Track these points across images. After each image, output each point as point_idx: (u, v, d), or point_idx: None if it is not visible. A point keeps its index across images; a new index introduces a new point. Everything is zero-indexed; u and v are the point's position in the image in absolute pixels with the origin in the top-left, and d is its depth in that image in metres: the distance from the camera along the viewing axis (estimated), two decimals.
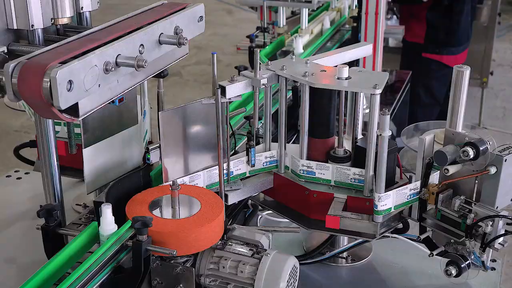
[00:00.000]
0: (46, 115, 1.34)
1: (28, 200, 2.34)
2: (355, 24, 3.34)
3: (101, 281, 1.49)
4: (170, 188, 1.65)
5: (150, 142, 2.10)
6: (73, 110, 1.37)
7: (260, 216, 2.23)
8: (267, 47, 3.08)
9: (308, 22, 3.39)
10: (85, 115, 1.40)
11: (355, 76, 1.84)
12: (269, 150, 1.99)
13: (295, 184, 1.94)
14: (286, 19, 3.59)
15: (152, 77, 1.88)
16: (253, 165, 1.95)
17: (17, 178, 2.53)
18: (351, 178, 1.88)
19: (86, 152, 1.76)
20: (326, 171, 1.90)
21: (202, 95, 1.86)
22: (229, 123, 1.93)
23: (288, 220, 1.98)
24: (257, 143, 2.06)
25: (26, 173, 2.55)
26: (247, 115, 2.15)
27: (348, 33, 3.50)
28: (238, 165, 1.93)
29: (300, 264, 1.81)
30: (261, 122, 2.06)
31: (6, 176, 2.56)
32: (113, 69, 1.40)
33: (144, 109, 2.03)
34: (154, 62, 1.62)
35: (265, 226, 2.04)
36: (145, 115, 2.02)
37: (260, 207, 2.13)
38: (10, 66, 1.29)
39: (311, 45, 3.13)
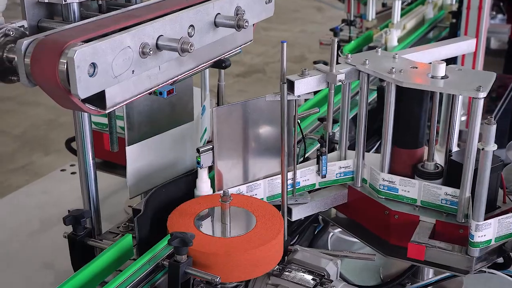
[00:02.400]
0: (66, 104, 1.09)
1: (79, 199, 2.14)
2: (454, 20, 2.98)
3: None
4: (220, 199, 1.38)
5: (209, 141, 1.84)
6: (99, 100, 1.12)
7: (331, 234, 1.93)
8: (352, 41, 2.77)
9: (401, 16, 3.04)
10: (114, 108, 1.15)
11: (453, 75, 1.51)
12: (345, 159, 1.69)
13: (373, 201, 1.63)
14: (376, 13, 3.25)
15: (212, 67, 1.63)
16: (324, 176, 1.65)
17: (71, 173, 2.35)
18: (442, 199, 1.55)
19: (130, 150, 1.52)
20: (412, 188, 1.58)
21: None
22: (298, 125, 1.65)
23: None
24: (331, 150, 1.77)
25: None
26: (321, 117, 1.85)
27: (446, 30, 3.12)
28: (306, 175, 1.64)
29: None
30: (338, 126, 1.76)
31: (61, 170, 2.37)
32: (151, 52, 1.14)
33: (204, 104, 1.77)
34: (208, 48, 1.36)
35: (334, 250, 1.73)
36: (205, 111, 1.76)
37: (335, 225, 1.83)
38: (23, 43, 1.06)
39: (402, 42, 2.79)
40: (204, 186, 1.51)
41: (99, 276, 1.28)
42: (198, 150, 1.47)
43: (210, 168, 1.56)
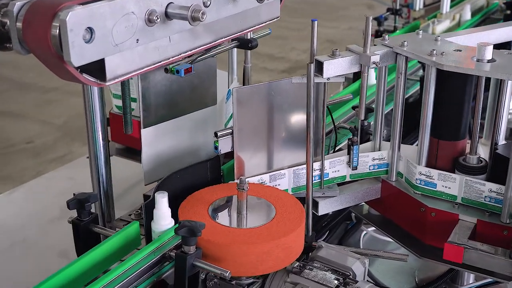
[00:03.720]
0: (62, 75, 1.00)
1: None
2: (508, 12, 2.79)
3: None
4: (236, 187, 1.26)
5: None
6: (100, 71, 1.02)
7: (364, 233, 1.79)
8: (397, 31, 2.62)
9: (451, 7, 2.87)
10: (116, 80, 1.05)
11: (501, 59, 1.36)
12: (379, 150, 1.55)
13: (408, 197, 1.49)
14: (425, 6, 3.08)
15: (238, 47, 1.52)
16: (355, 168, 1.52)
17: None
18: (485, 196, 1.40)
19: (145, 133, 1.42)
20: (452, 184, 1.43)
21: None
22: (328, 111, 1.52)
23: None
24: (366, 140, 1.63)
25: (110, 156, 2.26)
26: (356, 105, 1.72)
27: (500, 22, 2.93)
28: (335, 166, 1.51)
29: None
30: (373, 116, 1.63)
31: (87, 157, 2.29)
32: (158, 20, 1.04)
33: (230, 89, 1.66)
34: (227, 22, 1.25)
35: (363, 248, 1.59)
36: (230, 95, 1.65)
37: (367, 222, 1.69)
38: (15, 5, 0.97)
39: None
40: (163, 216, 1.24)
41: (101, 264, 1.18)
42: (216, 134, 1.36)
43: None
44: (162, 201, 1.23)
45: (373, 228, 1.75)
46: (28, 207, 1.99)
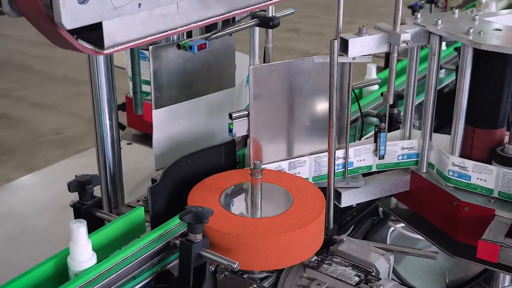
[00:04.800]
0: (55, 40, 0.91)
1: None
2: None
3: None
4: (250, 172, 1.16)
5: None
6: (96, 37, 0.92)
7: (392, 229, 1.68)
8: None
9: None
10: (116, 49, 0.95)
11: None
12: (409, 139, 1.43)
13: (439, 190, 1.37)
14: None
15: (259, 26, 1.41)
16: (382, 157, 1.40)
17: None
18: None
19: (157, 114, 1.33)
20: (488, 176, 1.31)
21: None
22: (354, 95, 1.41)
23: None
24: (395, 129, 1.52)
25: (128, 144, 2.19)
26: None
27: None
28: (361, 154, 1.40)
29: None
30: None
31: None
32: None
33: None
34: None
35: (388, 244, 1.47)
36: None
37: (395, 217, 1.57)
38: None
39: None
40: (80, 251, 1.01)
41: (101, 251, 1.09)
42: (230, 116, 1.26)
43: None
44: (79, 232, 1.00)
45: (402, 224, 1.64)
46: (41, 194, 1.92)
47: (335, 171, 1.36)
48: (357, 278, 1.15)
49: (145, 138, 1.87)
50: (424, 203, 1.43)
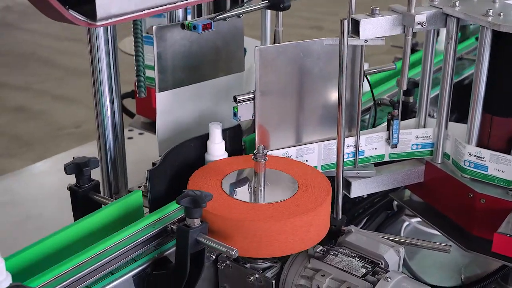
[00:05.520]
0: (46, 11, 0.87)
1: (130, 164, 1.95)
2: None
3: (128, 274, 1.01)
4: (252, 157, 1.11)
5: None
6: (89, 9, 0.88)
7: (406, 224, 1.61)
8: None
9: None
10: (110, 21, 0.91)
11: None
12: (423, 127, 1.37)
13: (454, 181, 1.31)
14: None
15: (269, 8, 1.36)
16: (395, 146, 1.34)
17: (128, 138, 2.15)
18: None
19: (161, 98, 1.29)
20: (506, 167, 1.25)
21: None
22: (367, 80, 1.35)
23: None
24: (410, 117, 1.45)
25: (140, 134, 2.16)
26: None
27: None
28: (372, 143, 1.34)
29: None
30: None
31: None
32: None
33: None
34: None
35: (400, 236, 1.41)
36: None
37: (408, 210, 1.51)
38: None
39: None
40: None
41: (96, 234, 1.05)
42: (235, 99, 1.21)
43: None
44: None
45: (417, 219, 1.58)
46: (49, 181, 1.89)
47: (345, 159, 1.31)
48: (363, 270, 1.10)
49: (154, 125, 1.82)
50: (438, 195, 1.36)
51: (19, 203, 1.78)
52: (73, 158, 1.15)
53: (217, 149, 1.22)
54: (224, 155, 1.23)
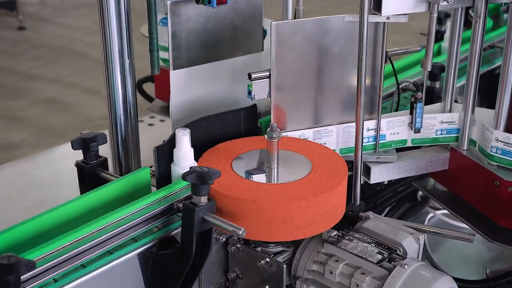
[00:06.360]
0: None
1: (149, 150, 1.92)
2: None
3: (133, 253, 0.97)
4: (266, 135, 1.06)
5: None
6: None
7: (431, 216, 1.55)
8: None
9: None
10: None
11: None
12: (449, 112, 1.31)
13: (480, 168, 1.24)
14: None
15: None
16: (418, 130, 1.28)
17: (148, 125, 2.13)
18: None
19: (175, 76, 1.25)
20: None
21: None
22: (390, 61, 1.29)
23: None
24: (433, 99, 1.39)
25: (161, 121, 2.13)
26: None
27: None
28: (394, 127, 1.28)
29: None
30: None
31: (139, 121, 2.16)
32: None
33: None
34: None
35: (424, 225, 1.34)
36: None
37: (432, 199, 1.45)
38: None
39: None
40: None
41: (100, 210, 1.01)
42: (249, 76, 1.16)
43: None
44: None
45: (443, 211, 1.51)
46: (68, 165, 1.87)
47: (366, 144, 1.26)
48: (379, 256, 1.04)
49: None
50: (463, 184, 1.30)
51: (35, 186, 1.76)
52: (81, 133, 1.12)
53: (185, 158, 1.08)
54: (194, 165, 1.09)
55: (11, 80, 4.94)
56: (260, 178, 1.06)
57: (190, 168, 0.97)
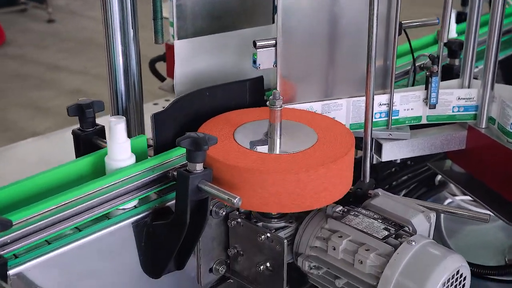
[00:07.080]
0: None
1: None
2: None
3: (127, 220, 0.93)
4: (268, 103, 1.01)
5: None
6: None
7: (449, 201, 1.48)
8: None
9: None
10: None
11: None
12: (467, 88, 1.24)
13: (500, 147, 1.17)
14: None
15: None
16: (434, 106, 1.22)
17: (163, 107, 2.09)
18: None
19: (179, 46, 1.20)
20: None
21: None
22: (405, 33, 1.23)
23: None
24: (453, 77, 1.32)
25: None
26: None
27: None
28: (408, 102, 1.22)
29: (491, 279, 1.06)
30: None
31: (154, 104, 2.13)
32: None
33: None
34: None
35: (437, 204, 1.27)
36: None
37: (448, 181, 1.38)
38: None
39: None
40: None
41: (91, 176, 0.97)
42: (254, 43, 1.11)
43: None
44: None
45: (462, 197, 1.44)
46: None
47: (377, 119, 1.20)
48: (385, 232, 0.98)
49: None
50: (481, 164, 1.23)
51: (48, 164, 1.73)
52: (78, 99, 1.08)
53: (120, 151, 0.95)
54: (131, 158, 0.97)
55: (38, 71, 4.97)
56: (261, 147, 1.01)
57: (187, 133, 0.92)
